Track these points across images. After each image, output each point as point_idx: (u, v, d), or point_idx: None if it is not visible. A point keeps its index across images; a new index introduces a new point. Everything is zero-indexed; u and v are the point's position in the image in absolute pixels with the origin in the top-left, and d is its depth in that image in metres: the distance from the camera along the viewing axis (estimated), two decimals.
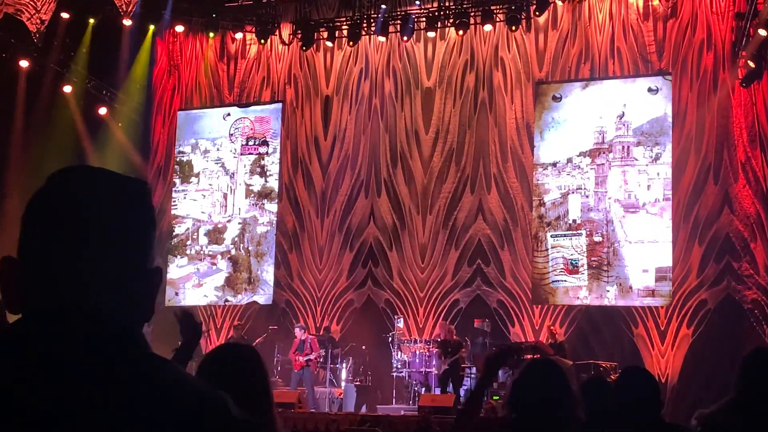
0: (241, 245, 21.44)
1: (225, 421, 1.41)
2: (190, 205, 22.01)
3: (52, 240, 1.45)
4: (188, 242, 21.79)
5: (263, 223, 21.34)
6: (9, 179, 18.81)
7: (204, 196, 21.94)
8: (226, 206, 21.75)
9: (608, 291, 18.15)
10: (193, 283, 21.52)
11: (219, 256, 21.60)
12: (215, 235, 21.73)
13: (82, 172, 1.52)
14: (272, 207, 21.26)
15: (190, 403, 1.39)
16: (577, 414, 3.76)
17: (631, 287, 17.99)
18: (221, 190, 21.83)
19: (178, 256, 21.69)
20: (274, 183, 21.25)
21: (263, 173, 21.44)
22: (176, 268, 21.60)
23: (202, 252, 21.77)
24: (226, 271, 21.47)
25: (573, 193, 18.85)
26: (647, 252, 17.98)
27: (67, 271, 1.44)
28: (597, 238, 18.45)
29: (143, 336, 1.47)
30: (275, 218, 21.07)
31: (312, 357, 17.37)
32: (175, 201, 21.86)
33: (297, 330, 18.00)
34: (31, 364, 1.36)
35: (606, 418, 4.49)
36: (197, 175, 21.96)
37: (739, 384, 4.26)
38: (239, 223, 21.56)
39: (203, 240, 21.83)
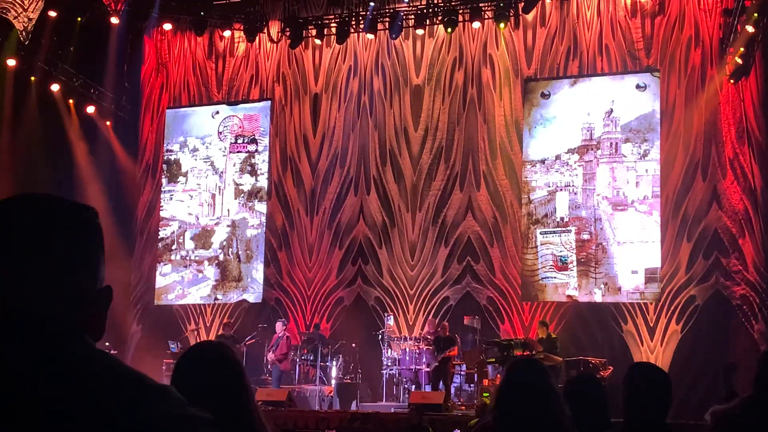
0: (230, 249, 21.22)
1: (159, 416, 1.42)
2: (177, 207, 21.76)
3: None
4: (173, 247, 21.59)
5: (253, 225, 21.14)
6: None
7: (191, 196, 21.70)
8: (214, 207, 21.56)
9: (596, 293, 18.16)
10: (176, 294, 21.32)
11: (206, 262, 21.32)
12: (202, 238, 21.49)
13: (30, 199, 1.58)
14: (262, 207, 21.13)
15: (122, 395, 1.40)
16: (562, 412, 3.76)
17: (620, 289, 18.00)
18: (209, 190, 21.63)
19: (162, 263, 21.50)
20: (264, 182, 21.18)
21: (254, 172, 21.34)
22: (159, 277, 21.42)
23: (188, 258, 21.49)
24: (213, 279, 21.17)
25: (561, 190, 18.87)
26: (636, 252, 17.99)
27: (10, 286, 1.49)
28: (585, 236, 18.47)
29: (83, 336, 1.50)
30: (265, 220, 20.99)
31: (273, 357, 17.61)
32: (161, 202, 21.74)
33: (278, 324, 18.03)
34: None
35: (595, 415, 4.48)
36: (185, 175, 21.80)
37: (757, 381, 4.23)
38: (228, 226, 21.33)
39: (189, 244, 21.53)
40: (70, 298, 1.52)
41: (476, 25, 19.54)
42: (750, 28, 15.96)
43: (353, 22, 20.17)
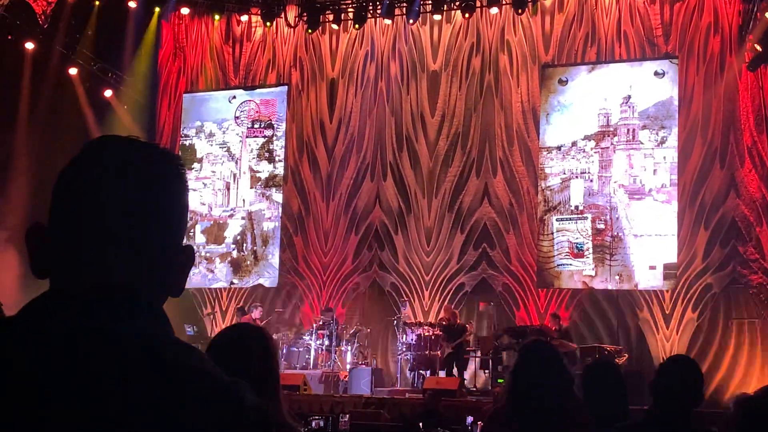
0: (244, 245, 20.99)
1: (237, 411, 1.39)
2: (190, 196, 21.57)
3: (83, 211, 1.43)
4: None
5: (270, 217, 20.97)
6: (14, 162, 18.81)
7: (205, 184, 21.45)
8: (228, 197, 21.41)
9: (612, 280, 18.08)
10: (191, 279, 21.20)
11: (218, 260, 21.07)
12: (214, 232, 21.24)
13: (117, 141, 1.50)
14: (279, 197, 21.00)
15: (203, 391, 1.37)
16: (574, 397, 3.77)
17: (637, 285, 17.89)
18: (224, 178, 21.48)
19: None
20: (281, 170, 21.09)
21: (272, 158, 21.25)
22: None
23: (197, 254, 20.92)
24: (225, 280, 20.91)
25: (576, 177, 18.80)
26: (654, 246, 17.86)
27: (95, 245, 1.42)
28: (600, 226, 18.39)
29: (165, 318, 1.46)
30: (282, 205, 20.96)
31: None
32: None
33: (256, 312, 17.94)
34: (48, 346, 1.35)
35: (613, 401, 4.49)
36: (200, 161, 21.66)
37: None
38: (243, 218, 21.12)
39: (200, 238, 21.18)
40: (155, 260, 1.46)
41: (494, 10, 19.49)
42: None
43: (370, 7, 20.14)
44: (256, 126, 21.50)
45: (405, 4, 19.90)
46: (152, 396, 1.33)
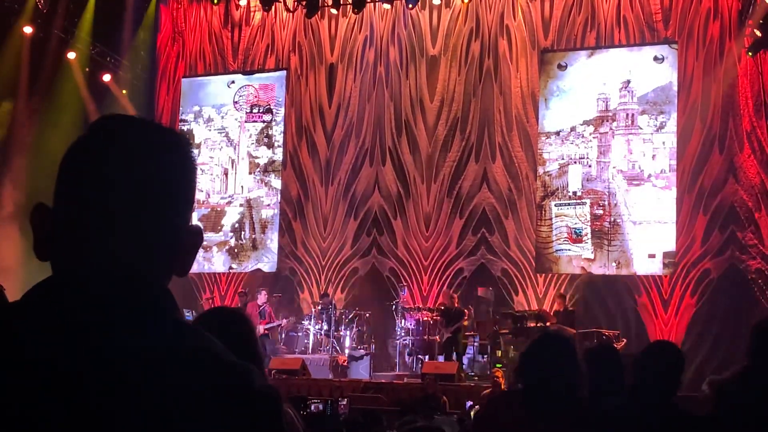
0: (242, 233, 20.91)
1: (247, 394, 1.38)
2: (197, 175, 21.53)
3: (89, 191, 1.41)
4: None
5: (269, 204, 20.92)
6: (13, 146, 18.80)
7: (203, 171, 21.29)
8: (227, 184, 21.34)
9: (610, 266, 18.10)
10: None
11: (215, 248, 20.98)
12: (212, 219, 21.15)
13: (123, 120, 1.48)
14: (278, 184, 20.94)
15: (212, 375, 1.36)
16: (582, 384, 3.80)
17: (635, 272, 17.91)
18: (222, 165, 21.41)
19: None
20: (280, 155, 21.04)
21: (270, 144, 21.22)
22: None
23: None
24: (223, 266, 20.84)
25: (575, 163, 18.79)
26: (653, 233, 17.85)
27: (101, 225, 1.40)
28: (598, 211, 18.39)
29: (173, 300, 1.44)
30: (280, 190, 20.93)
31: (276, 324, 17.66)
32: None
33: (261, 296, 17.96)
34: (55, 330, 1.34)
35: (613, 384, 4.54)
36: (198, 147, 21.51)
37: (754, 352, 4.29)
38: (241, 206, 21.08)
39: None
40: (162, 241, 1.44)
41: None
42: None
43: None
44: (254, 111, 21.46)
45: None
46: (163, 381, 1.33)
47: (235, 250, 21.01)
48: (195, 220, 20.55)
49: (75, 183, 1.43)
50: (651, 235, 17.87)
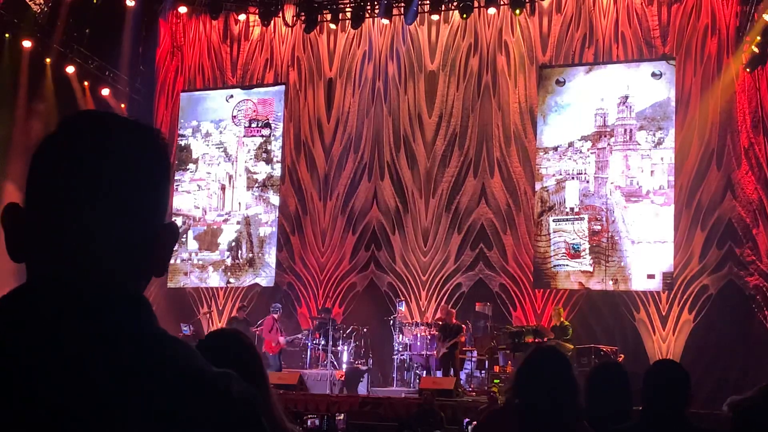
0: (239, 252, 20.79)
1: (224, 401, 1.36)
2: (183, 199, 21.16)
3: (60, 190, 1.37)
4: (176, 248, 21.02)
5: (267, 222, 20.83)
6: (11, 160, 18.77)
7: (199, 186, 21.22)
8: (224, 200, 21.21)
9: (609, 283, 18.09)
10: (190, 277, 21.05)
11: (210, 268, 20.85)
12: (208, 238, 21.01)
13: (95, 117, 1.45)
14: (277, 200, 20.85)
15: (188, 383, 1.35)
16: (579, 400, 3.78)
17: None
18: (219, 180, 21.26)
19: None
20: (279, 171, 20.99)
21: (269, 159, 21.16)
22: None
23: (189, 260, 20.94)
24: (220, 281, 20.72)
25: (572, 179, 18.80)
26: (652, 253, 17.83)
27: (74, 225, 1.36)
28: (596, 227, 18.39)
29: (149, 308, 1.41)
30: (279, 205, 20.88)
31: (295, 337, 17.73)
32: None
33: (278, 311, 17.95)
34: (31, 340, 1.32)
35: (617, 403, 4.52)
36: (195, 162, 21.50)
37: None
38: (238, 223, 20.94)
39: (192, 245, 20.94)
40: (138, 241, 1.40)
41: (492, 11, 19.49)
42: (767, 17, 15.85)
43: (368, 7, 20.13)
44: (253, 125, 21.46)
45: (403, 4, 19.89)
46: (139, 391, 1.31)
47: (232, 270, 20.92)
48: (190, 238, 20.61)
49: (45, 182, 1.39)
50: (649, 256, 17.86)
